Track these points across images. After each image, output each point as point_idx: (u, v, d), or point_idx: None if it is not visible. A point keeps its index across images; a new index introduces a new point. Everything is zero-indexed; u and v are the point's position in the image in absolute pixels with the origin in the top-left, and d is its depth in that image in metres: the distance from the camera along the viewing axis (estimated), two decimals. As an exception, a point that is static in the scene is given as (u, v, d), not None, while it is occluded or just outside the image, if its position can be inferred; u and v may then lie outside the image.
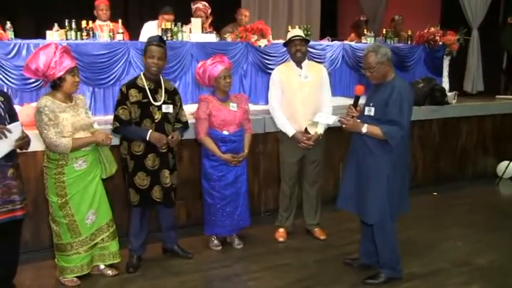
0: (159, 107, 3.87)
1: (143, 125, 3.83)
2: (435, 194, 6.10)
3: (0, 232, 3.30)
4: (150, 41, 3.88)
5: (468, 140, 6.77)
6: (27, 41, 4.71)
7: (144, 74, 3.92)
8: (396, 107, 3.42)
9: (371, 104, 3.57)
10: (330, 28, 10.04)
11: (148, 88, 3.86)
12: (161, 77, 3.98)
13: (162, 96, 3.90)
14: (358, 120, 3.55)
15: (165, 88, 3.95)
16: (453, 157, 6.67)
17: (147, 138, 3.79)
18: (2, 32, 4.67)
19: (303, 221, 4.72)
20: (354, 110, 3.59)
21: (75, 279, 3.71)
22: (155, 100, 3.87)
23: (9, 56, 4.61)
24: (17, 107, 4.40)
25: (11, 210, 3.25)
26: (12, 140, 3.17)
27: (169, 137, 3.87)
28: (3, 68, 4.60)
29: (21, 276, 3.73)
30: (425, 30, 7.13)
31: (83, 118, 3.58)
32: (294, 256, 4.27)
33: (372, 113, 3.55)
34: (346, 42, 6.85)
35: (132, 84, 3.87)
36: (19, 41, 4.74)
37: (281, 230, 4.66)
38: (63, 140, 3.43)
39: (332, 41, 6.75)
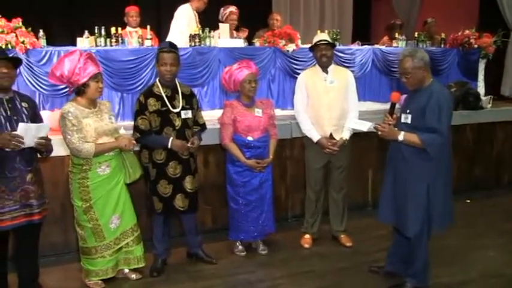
0: (179, 114, 3.89)
1: (164, 133, 3.85)
2: (468, 201, 5.91)
3: (19, 235, 3.39)
4: (161, 47, 3.90)
5: (505, 146, 6.55)
6: (58, 48, 4.82)
7: (159, 81, 3.93)
8: (434, 114, 3.29)
9: (408, 111, 3.45)
10: (363, 32, 9.92)
11: (166, 95, 3.88)
12: (177, 82, 3.99)
13: (180, 102, 3.91)
14: (395, 128, 3.46)
15: (182, 93, 3.96)
16: (488, 164, 6.46)
17: (169, 147, 3.81)
18: (35, 40, 4.79)
19: (329, 228, 4.66)
20: (390, 117, 3.49)
21: (99, 282, 3.77)
22: (174, 107, 3.88)
23: (41, 63, 4.72)
24: (47, 113, 4.53)
25: (28, 214, 3.30)
26: (35, 137, 3.22)
27: (189, 144, 3.88)
28: (35, 74, 4.71)
29: (48, 277, 3.83)
30: (459, 33, 6.94)
31: (106, 123, 3.63)
32: (319, 263, 4.22)
33: (409, 121, 3.43)
34: (376, 46, 6.73)
35: (150, 93, 3.88)
36: (50, 48, 4.85)
37: (307, 236, 4.61)
38: (86, 145, 3.48)
39: (362, 45, 6.65)
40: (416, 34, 7.11)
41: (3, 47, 4.53)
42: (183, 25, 6.00)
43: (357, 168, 4.86)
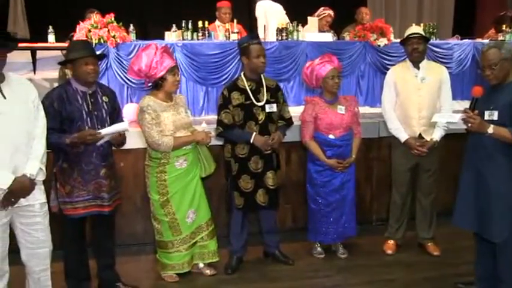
0: (263, 107, 3.80)
1: (247, 127, 3.78)
2: None
3: (95, 224, 3.52)
4: (250, 40, 3.81)
5: None
6: (146, 42, 4.92)
7: (244, 74, 3.86)
8: None
9: (491, 108, 3.15)
10: (465, 25, 9.25)
11: (250, 89, 3.80)
12: (262, 75, 3.90)
13: (265, 96, 3.83)
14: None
15: (266, 86, 3.86)
16: None
17: (251, 141, 3.75)
18: (125, 34, 4.93)
19: (415, 234, 4.36)
20: (471, 113, 3.19)
21: (174, 275, 3.79)
22: (258, 101, 3.80)
23: (130, 57, 4.82)
24: (133, 105, 4.65)
25: (99, 206, 3.39)
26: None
27: (270, 139, 3.78)
28: (124, 68, 4.85)
29: (126, 266, 3.92)
30: None
31: (183, 117, 3.63)
32: (401, 271, 3.96)
33: (495, 117, 3.12)
34: (478, 40, 6.22)
35: (234, 86, 3.83)
36: (139, 42, 4.98)
37: (390, 241, 4.34)
38: (165, 139, 3.50)
39: (462, 39, 6.18)
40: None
41: (96, 41, 4.73)
42: (261, 19, 5.95)
43: (447, 171, 4.49)
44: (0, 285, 2.94)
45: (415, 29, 4.16)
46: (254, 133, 3.76)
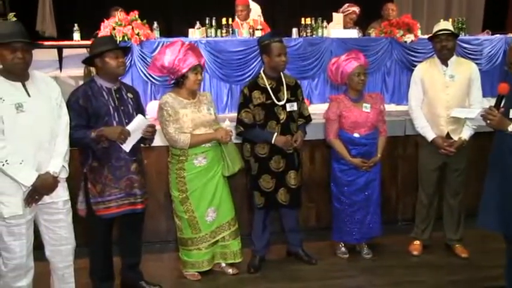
0: (284, 106, 3.75)
1: (268, 126, 3.74)
2: None
3: (124, 223, 3.50)
4: (271, 38, 3.76)
5: None
6: (170, 39, 4.91)
7: (264, 72, 3.81)
8: None
9: None
10: (496, 20, 9.00)
11: (271, 88, 3.76)
12: (282, 73, 3.84)
13: (285, 94, 3.78)
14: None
15: (287, 84, 3.82)
16: None
17: (272, 142, 3.70)
18: (149, 31, 4.94)
19: (442, 235, 4.25)
20: (496, 111, 3.08)
21: (196, 273, 3.77)
22: (278, 99, 3.76)
23: (154, 54, 4.82)
24: (157, 103, 4.65)
25: (132, 203, 3.37)
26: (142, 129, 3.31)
27: (293, 140, 3.74)
28: (148, 65, 4.83)
29: (149, 263, 3.92)
30: None
31: (204, 115, 3.60)
32: (427, 273, 3.87)
33: None
34: (510, 35, 6.04)
35: (254, 85, 3.78)
36: (163, 39, 4.99)
37: (416, 242, 4.24)
38: (182, 136, 3.48)
39: (492, 34, 6.01)
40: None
41: (120, 39, 4.75)
42: None
43: (476, 171, 4.36)
44: (25, 281, 2.98)
45: (444, 24, 4.05)
46: (275, 134, 3.72)
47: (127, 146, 3.26)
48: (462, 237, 4.19)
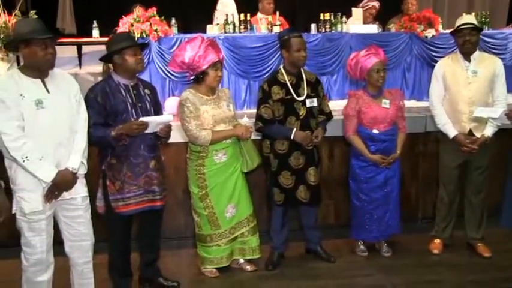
0: (303, 102, 3.72)
1: (287, 122, 3.72)
2: None
3: (143, 219, 3.50)
4: (291, 33, 3.73)
5: None
6: (188, 35, 4.91)
7: (284, 68, 3.79)
8: None
9: None
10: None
11: (290, 83, 3.73)
12: (301, 69, 3.81)
13: (305, 90, 3.74)
14: None
15: (307, 80, 3.78)
16: None
17: (291, 138, 3.67)
18: (167, 28, 4.95)
19: (464, 234, 4.18)
20: None
21: (214, 270, 3.77)
22: (298, 95, 3.72)
23: (172, 50, 4.82)
24: (175, 99, 4.66)
25: (151, 200, 3.38)
26: (158, 126, 3.29)
27: (313, 136, 3.71)
28: (166, 61, 4.85)
29: (167, 260, 3.93)
30: None
31: (224, 111, 3.59)
32: (447, 272, 3.81)
33: None
34: (535, 29, 5.91)
35: (274, 80, 3.76)
36: (181, 35, 4.99)
37: (437, 241, 4.18)
38: (203, 132, 3.48)
39: (517, 28, 5.89)
40: None
41: (138, 35, 4.76)
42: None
43: (499, 169, 4.27)
44: (46, 275, 3.00)
45: (467, 18, 3.96)
46: (294, 129, 3.69)
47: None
48: (484, 236, 4.11)
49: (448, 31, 5.36)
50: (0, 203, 2.78)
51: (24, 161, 2.76)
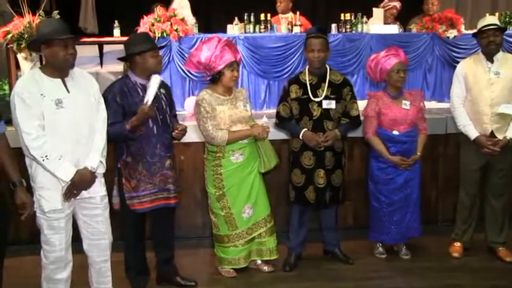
0: (319, 103, 3.70)
1: (302, 121, 3.72)
2: None
3: (156, 217, 3.52)
4: (309, 33, 3.72)
5: None
6: (209, 35, 4.91)
7: (308, 68, 3.79)
8: None
9: None
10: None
11: (310, 83, 3.72)
12: (328, 69, 3.78)
13: (324, 91, 3.72)
14: None
15: (330, 81, 3.75)
16: None
17: (300, 137, 3.67)
18: (188, 27, 4.97)
19: (484, 237, 4.12)
20: None
21: (231, 270, 3.77)
22: (315, 96, 3.70)
23: (192, 50, 4.86)
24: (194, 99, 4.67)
25: (166, 198, 3.42)
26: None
27: (324, 137, 3.67)
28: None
29: (185, 259, 3.94)
30: None
31: (241, 111, 3.59)
32: (468, 277, 3.76)
33: None
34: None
35: (295, 80, 3.78)
36: (201, 35, 5.01)
37: (457, 244, 4.12)
38: (220, 133, 3.49)
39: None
40: None
41: (159, 35, 4.79)
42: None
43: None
44: (64, 273, 3.04)
45: (491, 19, 3.91)
46: (304, 129, 3.68)
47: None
48: (506, 240, 4.04)
49: (471, 32, 5.28)
50: (24, 198, 2.84)
51: (43, 160, 2.80)
